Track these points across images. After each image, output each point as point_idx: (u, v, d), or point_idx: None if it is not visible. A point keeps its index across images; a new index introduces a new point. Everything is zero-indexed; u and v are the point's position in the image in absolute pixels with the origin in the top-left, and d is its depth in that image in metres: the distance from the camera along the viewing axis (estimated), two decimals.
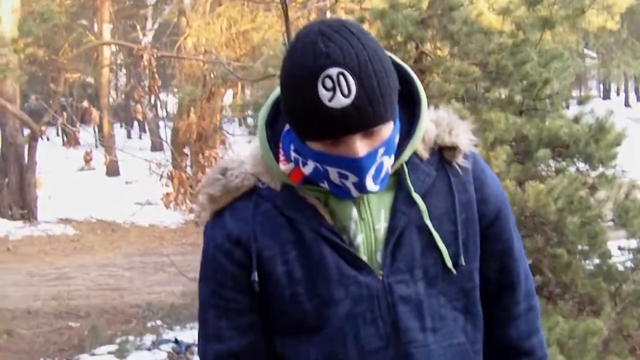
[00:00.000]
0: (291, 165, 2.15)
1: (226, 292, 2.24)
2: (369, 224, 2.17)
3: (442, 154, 2.26)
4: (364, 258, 2.16)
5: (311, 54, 1.97)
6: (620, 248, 7.24)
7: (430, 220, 2.18)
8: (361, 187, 2.06)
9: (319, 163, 2.07)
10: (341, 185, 2.08)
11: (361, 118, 1.97)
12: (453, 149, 2.25)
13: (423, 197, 2.18)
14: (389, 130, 2.05)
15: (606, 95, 64.46)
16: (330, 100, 1.94)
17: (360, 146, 2.00)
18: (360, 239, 2.16)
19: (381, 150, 2.04)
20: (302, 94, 1.98)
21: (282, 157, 2.17)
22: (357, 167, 2.02)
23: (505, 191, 2.46)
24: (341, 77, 1.94)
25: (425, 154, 2.23)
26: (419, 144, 2.21)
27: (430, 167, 2.22)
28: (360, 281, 2.14)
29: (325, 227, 2.14)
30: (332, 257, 2.14)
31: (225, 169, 2.24)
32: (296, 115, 2.03)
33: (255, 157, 2.24)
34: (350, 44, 1.97)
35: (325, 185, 2.11)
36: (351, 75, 1.94)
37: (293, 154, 2.14)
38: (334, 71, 1.94)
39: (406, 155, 2.18)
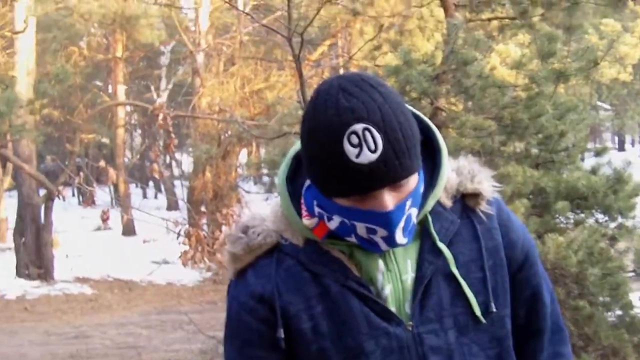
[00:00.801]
0: (315, 219, 2.13)
1: (253, 351, 2.22)
2: (396, 275, 2.14)
3: (465, 201, 2.24)
4: (393, 309, 2.13)
5: (334, 110, 1.96)
6: None
7: (458, 267, 2.16)
8: (391, 240, 2.05)
9: (347, 219, 2.05)
10: (369, 240, 2.06)
11: (389, 172, 1.95)
12: (476, 195, 2.23)
13: (448, 246, 2.16)
14: (414, 181, 2.05)
15: (621, 147, 64.35)
16: (357, 156, 1.93)
17: (389, 200, 1.99)
18: (388, 290, 2.13)
19: (409, 203, 2.03)
20: (327, 151, 1.96)
21: (305, 212, 2.16)
22: (387, 221, 2.00)
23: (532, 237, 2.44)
24: (367, 133, 1.93)
25: (448, 202, 2.21)
26: (441, 193, 2.20)
27: (454, 214, 2.21)
28: (390, 332, 2.11)
29: (352, 279, 2.11)
30: (360, 309, 2.11)
31: (247, 227, 2.22)
32: (322, 173, 2.02)
33: (277, 213, 2.23)
34: (372, 97, 1.96)
35: (352, 239, 2.09)
36: (376, 130, 1.93)
37: (317, 209, 2.12)
38: (359, 127, 1.93)
39: (430, 204, 2.16)
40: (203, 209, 16.27)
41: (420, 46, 15.72)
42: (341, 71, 16.47)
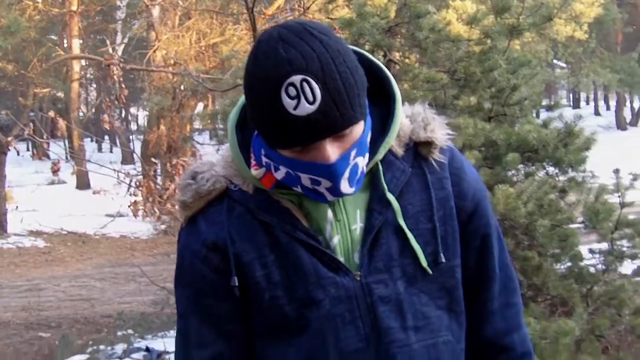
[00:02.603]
0: (263, 170, 2.13)
1: (206, 299, 2.21)
2: (345, 225, 2.14)
3: (418, 149, 2.21)
4: (341, 259, 2.13)
5: (272, 61, 1.92)
6: (591, 251, 7.29)
7: (407, 218, 2.15)
8: (336, 191, 2.03)
9: (291, 169, 2.03)
10: (315, 190, 2.05)
11: (329, 123, 1.93)
12: (429, 144, 2.20)
13: (399, 195, 2.15)
14: (359, 130, 2.02)
15: (576, 105, 64.89)
16: (295, 108, 1.90)
17: (331, 151, 1.97)
18: (336, 240, 2.13)
19: (353, 152, 2.01)
20: (265, 103, 1.93)
21: (253, 162, 2.15)
22: (330, 172, 1.99)
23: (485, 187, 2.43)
24: (305, 84, 1.89)
25: (400, 151, 2.19)
26: (393, 141, 2.18)
27: (406, 164, 2.18)
28: (337, 282, 2.11)
29: (300, 230, 2.11)
30: (309, 260, 2.11)
31: (195, 173, 2.20)
32: (262, 124, 2.00)
33: (226, 159, 2.21)
34: (311, 47, 1.92)
35: (298, 189, 2.08)
36: (314, 80, 1.89)
37: (264, 159, 2.11)
38: (297, 78, 1.89)
39: (381, 153, 2.14)
40: (156, 161, 16.13)
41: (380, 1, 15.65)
42: None
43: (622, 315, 6.81)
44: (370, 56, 2.21)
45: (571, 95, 67.74)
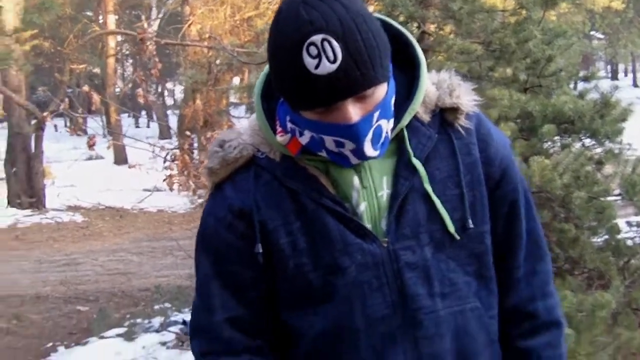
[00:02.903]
0: (288, 136, 2.15)
1: (230, 266, 2.22)
2: (371, 192, 2.15)
3: (444, 116, 2.23)
4: (368, 226, 2.14)
5: (293, 23, 1.94)
6: (629, 223, 7.24)
7: (434, 184, 2.16)
8: (359, 153, 2.05)
9: (314, 132, 2.05)
10: (339, 153, 2.07)
11: (350, 83, 1.94)
12: (455, 110, 2.22)
13: (425, 161, 2.16)
14: (382, 92, 2.03)
15: (614, 76, 64.30)
16: (316, 67, 1.92)
17: (354, 112, 1.99)
18: (363, 207, 2.15)
19: (376, 114, 2.02)
20: (288, 64, 1.96)
21: (279, 129, 2.17)
22: (353, 133, 2.00)
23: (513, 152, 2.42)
24: (326, 44, 1.92)
25: (426, 117, 2.21)
26: (419, 107, 2.19)
27: (432, 130, 2.20)
28: (364, 249, 2.12)
29: (327, 197, 2.13)
30: (336, 227, 2.12)
31: (223, 141, 2.23)
32: (285, 86, 2.02)
33: (253, 128, 2.24)
34: (332, 8, 1.94)
35: (323, 154, 2.10)
36: (335, 40, 1.92)
37: (289, 125, 2.13)
38: (317, 38, 1.92)
39: (406, 119, 2.16)
40: (190, 134, 16.19)
41: None
42: None
43: None
44: (395, 23, 2.24)
45: (609, 67, 67.11)
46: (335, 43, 1.92)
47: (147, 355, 8.96)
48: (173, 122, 26.70)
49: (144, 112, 45.68)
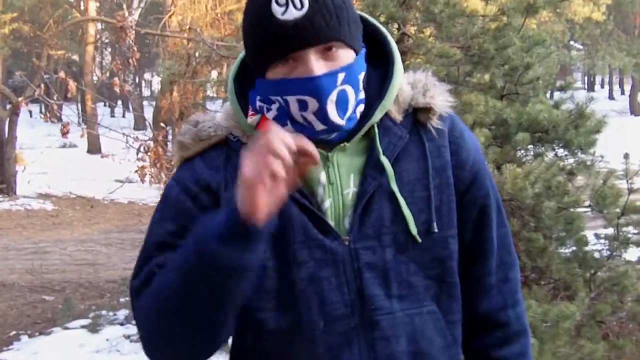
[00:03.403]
0: (258, 116, 2.14)
1: (179, 234, 2.14)
2: (337, 189, 2.13)
3: (417, 116, 2.20)
4: (331, 223, 2.12)
5: None
6: (597, 236, 7.27)
7: (402, 185, 2.13)
8: (323, 115, 2.03)
9: (280, 95, 2.04)
10: (304, 123, 2.05)
11: (314, 30, 1.97)
12: (428, 110, 2.19)
13: (395, 161, 2.14)
14: (348, 56, 2.04)
15: (590, 88, 64.80)
16: (282, 14, 1.96)
17: (317, 65, 1.99)
18: (327, 204, 2.12)
19: (341, 75, 2.01)
20: (257, 15, 2.01)
21: (250, 112, 2.16)
22: (315, 87, 1.99)
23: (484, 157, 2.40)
24: None
25: (398, 117, 2.18)
26: (391, 105, 2.17)
27: (404, 129, 2.17)
28: (325, 245, 2.10)
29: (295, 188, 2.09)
30: (299, 219, 2.10)
31: (197, 122, 2.22)
32: (253, 39, 2.05)
33: (227, 112, 2.22)
34: None
35: (289, 127, 2.07)
36: None
37: (258, 104, 2.12)
38: None
39: (377, 116, 2.14)
40: (165, 127, 16.14)
41: None
42: None
43: (624, 302, 6.80)
44: (372, 19, 2.23)
45: (586, 78, 67.57)
46: None
47: (110, 347, 8.92)
48: (149, 113, 26.61)
49: (120, 102, 45.57)
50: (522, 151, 6.99)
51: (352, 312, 2.12)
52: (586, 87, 65.19)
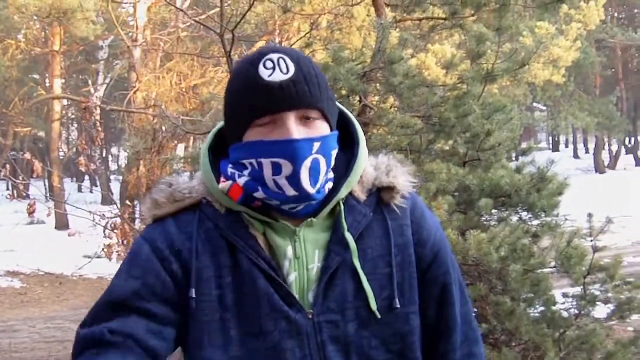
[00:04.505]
0: (229, 182, 2.19)
1: (151, 297, 2.16)
2: (302, 263, 2.19)
3: (380, 195, 2.29)
4: (296, 296, 2.17)
5: (255, 52, 2.14)
6: (564, 295, 7.31)
7: (365, 261, 2.20)
8: (296, 181, 2.09)
9: (254, 157, 2.11)
10: (275, 188, 2.12)
11: (298, 93, 2.08)
12: (390, 189, 2.28)
13: (359, 239, 2.20)
14: (324, 127, 2.15)
15: (555, 147, 65.27)
16: (269, 76, 2.08)
17: (296, 129, 2.08)
18: (292, 277, 2.18)
19: (317, 144, 2.11)
20: (243, 78, 2.12)
21: (222, 180, 2.21)
22: (292, 150, 2.07)
23: (446, 236, 2.46)
24: (281, 60, 2.10)
25: (362, 196, 2.27)
26: (356, 185, 2.26)
27: (367, 208, 2.25)
28: (290, 317, 2.15)
29: (263, 258, 2.16)
30: (265, 290, 2.14)
31: (170, 183, 2.29)
32: (237, 98, 2.14)
33: (200, 179, 2.29)
34: (292, 50, 2.16)
35: (260, 194, 2.14)
36: (290, 59, 2.11)
37: (230, 170, 2.20)
38: (274, 56, 2.11)
39: (343, 192, 2.22)
40: (132, 202, 16.07)
41: (357, 45, 15.80)
42: None
43: (593, 359, 6.82)
44: (339, 104, 2.32)
45: (550, 138, 68.07)
46: (289, 60, 2.12)
47: None
48: (116, 187, 26.54)
49: (87, 177, 45.35)
50: (486, 216, 7.05)
51: None
52: (551, 147, 65.65)
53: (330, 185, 2.20)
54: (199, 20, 15.49)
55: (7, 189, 42.93)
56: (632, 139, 58.01)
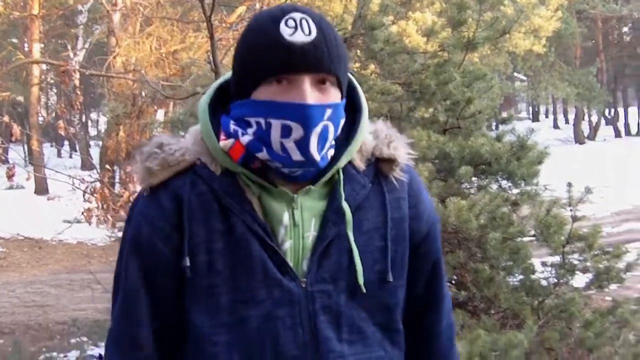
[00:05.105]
0: (231, 140, 2.13)
1: (160, 277, 2.17)
2: (299, 231, 2.15)
3: (379, 166, 2.25)
4: (290, 264, 2.14)
5: (277, 8, 2.08)
6: (544, 264, 7.35)
7: (361, 233, 2.18)
8: (305, 145, 2.05)
9: (264, 117, 2.06)
10: (280, 151, 2.07)
11: (317, 57, 2.02)
12: (391, 161, 2.24)
13: (356, 210, 2.18)
14: (336, 95, 2.10)
15: (535, 118, 65.42)
16: (291, 35, 2.02)
17: (310, 94, 2.03)
18: (287, 245, 2.15)
19: (329, 111, 2.05)
20: (262, 33, 2.05)
21: (222, 137, 2.15)
22: (305, 114, 2.02)
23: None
24: (304, 21, 2.03)
25: (361, 165, 2.22)
26: (356, 154, 2.22)
27: (366, 178, 2.22)
28: (283, 285, 2.12)
29: (259, 224, 2.12)
30: (260, 256, 2.11)
31: (161, 144, 2.20)
32: (255, 52, 2.07)
33: (195, 136, 2.21)
34: (313, 12, 2.10)
35: (264, 154, 2.09)
36: (312, 21, 2.04)
37: (232, 127, 2.13)
38: (297, 15, 2.04)
39: (343, 160, 2.18)
40: (112, 167, 16.02)
41: (338, 11, 15.76)
42: None
43: (572, 328, 6.87)
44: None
45: (530, 108, 68.24)
46: (312, 22, 2.04)
47: None
48: (96, 153, 26.46)
49: (66, 143, 45.20)
50: (466, 184, 7.08)
51: (304, 354, 2.14)
52: (531, 117, 65.85)
53: (332, 152, 2.15)
54: None
55: None
56: (612, 110, 58.15)
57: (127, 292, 2.22)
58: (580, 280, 7.34)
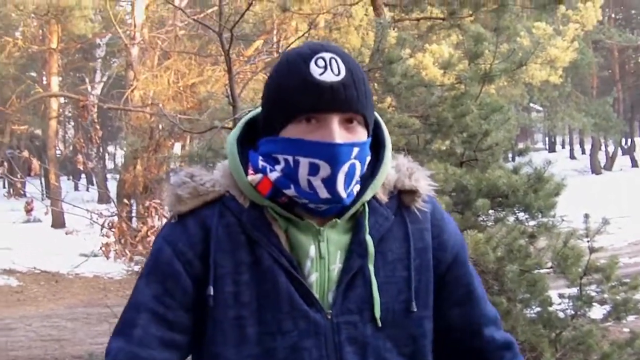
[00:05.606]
0: (259, 175, 2.17)
1: (170, 302, 2.19)
2: (325, 264, 2.18)
3: (402, 198, 2.30)
4: (316, 296, 2.17)
5: (305, 47, 2.13)
6: (561, 295, 7.31)
7: (385, 264, 2.21)
8: (332, 184, 2.09)
9: (292, 154, 2.10)
10: (308, 190, 2.11)
11: (347, 96, 2.06)
12: (413, 192, 2.29)
13: (380, 241, 2.21)
14: (363, 134, 2.13)
15: (552, 148, 65.36)
16: (321, 75, 2.06)
17: (338, 133, 2.07)
18: (314, 278, 2.17)
19: (356, 150, 2.09)
20: (293, 72, 2.10)
21: (250, 171, 2.19)
22: (333, 153, 2.06)
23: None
24: (333, 61, 2.08)
25: (384, 198, 2.27)
26: (380, 187, 2.26)
27: (389, 210, 2.26)
28: (309, 317, 2.15)
29: (285, 257, 2.15)
30: (286, 288, 2.14)
31: (192, 174, 2.25)
32: (285, 92, 2.11)
33: (224, 170, 2.26)
34: (342, 52, 2.16)
35: (291, 191, 2.13)
36: (342, 61, 2.09)
37: (261, 163, 2.17)
38: (327, 55, 2.09)
39: (368, 194, 2.22)
40: (129, 201, 16.06)
41: (355, 44, 15.82)
42: None
43: None
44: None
45: (547, 139, 68.17)
46: (340, 62, 2.10)
47: None
48: (113, 186, 26.55)
49: (83, 175, 45.33)
50: (483, 216, 7.05)
51: None
52: (547, 147, 65.78)
53: (357, 188, 2.19)
54: (197, 19, 15.46)
55: (4, 187, 42.94)
56: (629, 140, 58.07)
57: (133, 310, 2.23)
58: (597, 312, 7.30)
